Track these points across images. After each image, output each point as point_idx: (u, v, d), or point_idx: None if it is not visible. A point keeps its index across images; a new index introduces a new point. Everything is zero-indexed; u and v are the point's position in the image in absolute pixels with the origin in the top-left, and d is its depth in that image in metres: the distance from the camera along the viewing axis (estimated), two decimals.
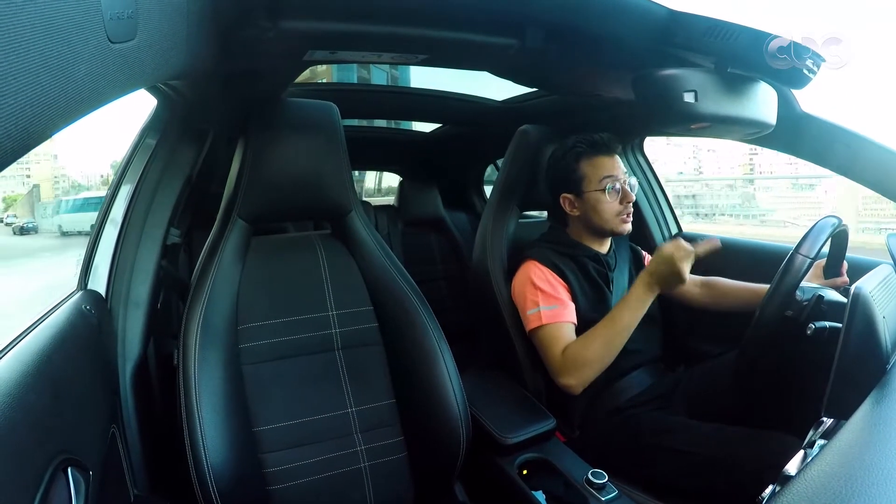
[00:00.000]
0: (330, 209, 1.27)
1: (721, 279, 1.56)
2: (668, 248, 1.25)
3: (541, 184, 1.57)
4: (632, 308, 1.29)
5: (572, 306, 1.39)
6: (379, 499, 1.16)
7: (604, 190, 1.41)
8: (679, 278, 1.24)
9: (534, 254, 1.46)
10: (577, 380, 1.31)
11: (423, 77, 1.95)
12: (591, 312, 1.39)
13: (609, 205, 1.42)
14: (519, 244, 1.60)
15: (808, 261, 1.10)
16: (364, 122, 2.76)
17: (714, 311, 1.56)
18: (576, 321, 1.37)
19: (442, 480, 1.20)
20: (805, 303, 1.11)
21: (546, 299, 1.37)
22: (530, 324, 1.39)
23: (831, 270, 1.31)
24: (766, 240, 1.92)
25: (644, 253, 1.65)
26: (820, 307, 1.09)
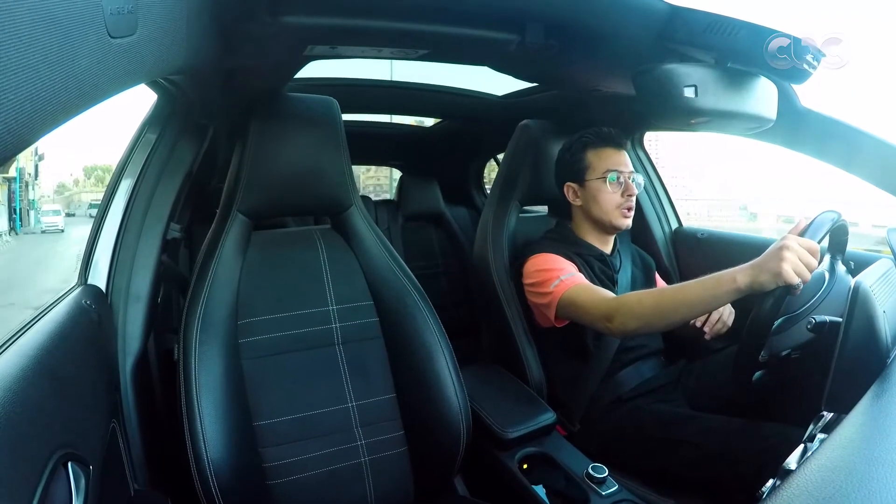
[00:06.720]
0: (330, 204, 1.27)
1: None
2: (787, 238, 0.99)
3: (542, 178, 1.56)
4: (705, 284, 1.07)
5: None
6: (379, 493, 1.16)
7: (605, 179, 1.41)
8: (776, 275, 0.97)
9: (539, 249, 1.45)
10: (622, 326, 1.18)
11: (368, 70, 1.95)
12: None
13: (610, 195, 1.42)
14: (520, 239, 1.60)
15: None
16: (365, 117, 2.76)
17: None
18: None
19: (442, 475, 1.21)
20: (784, 354, 1.06)
21: (564, 272, 1.35)
22: (557, 291, 1.32)
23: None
24: None
25: (654, 262, 1.65)
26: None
